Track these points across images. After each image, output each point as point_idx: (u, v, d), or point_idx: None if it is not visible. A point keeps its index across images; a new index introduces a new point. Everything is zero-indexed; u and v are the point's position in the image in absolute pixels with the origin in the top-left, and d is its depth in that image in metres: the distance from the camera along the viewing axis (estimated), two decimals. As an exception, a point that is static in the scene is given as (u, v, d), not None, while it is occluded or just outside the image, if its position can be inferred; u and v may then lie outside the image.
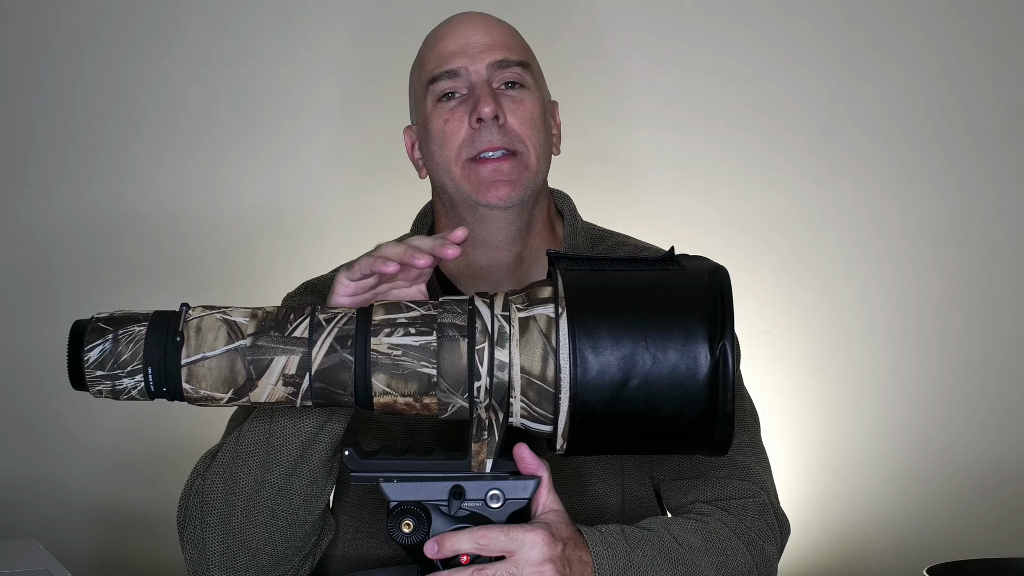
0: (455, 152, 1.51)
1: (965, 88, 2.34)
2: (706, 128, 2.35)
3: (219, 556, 1.37)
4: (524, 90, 1.53)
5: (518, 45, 1.56)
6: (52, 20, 2.37)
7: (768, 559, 1.41)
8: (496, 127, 1.50)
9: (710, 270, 1.19)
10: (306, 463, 1.35)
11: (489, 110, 1.48)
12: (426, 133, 1.54)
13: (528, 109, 1.52)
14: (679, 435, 1.17)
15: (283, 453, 1.35)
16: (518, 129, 1.51)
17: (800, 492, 2.28)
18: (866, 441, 2.35)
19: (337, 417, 1.35)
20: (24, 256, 2.38)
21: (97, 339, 1.19)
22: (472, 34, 1.54)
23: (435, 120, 1.53)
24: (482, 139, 1.50)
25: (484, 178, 1.50)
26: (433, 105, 1.53)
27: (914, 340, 2.35)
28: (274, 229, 2.36)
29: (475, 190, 1.51)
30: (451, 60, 1.52)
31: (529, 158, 1.52)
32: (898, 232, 2.35)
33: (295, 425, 1.34)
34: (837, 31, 2.34)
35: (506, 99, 1.52)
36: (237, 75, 2.37)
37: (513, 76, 1.53)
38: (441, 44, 1.54)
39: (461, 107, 1.52)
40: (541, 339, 1.17)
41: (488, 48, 1.53)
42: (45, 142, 2.38)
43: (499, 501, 1.21)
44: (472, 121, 1.50)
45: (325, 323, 1.20)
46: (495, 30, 1.55)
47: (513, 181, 1.50)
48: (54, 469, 2.38)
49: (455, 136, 1.51)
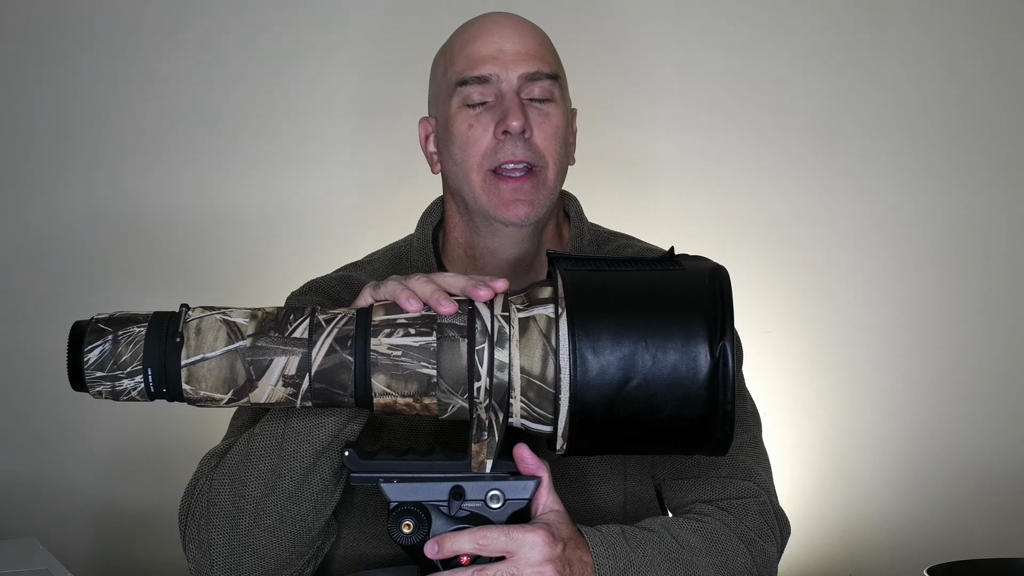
0: (477, 160, 1.49)
1: (962, 88, 2.34)
2: (708, 129, 2.35)
3: (224, 557, 1.36)
4: (552, 104, 1.51)
5: (551, 56, 1.53)
6: (55, 20, 2.37)
7: (768, 559, 1.41)
8: (521, 140, 1.47)
9: (710, 270, 1.19)
10: (318, 471, 1.34)
11: (518, 124, 1.46)
12: (447, 133, 1.52)
13: (554, 124, 1.50)
14: (679, 435, 1.17)
15: (296, 460, 1.33)
16: (542, 144, 1.49)
17: (800, 492, 2.28)
18: (867, 441, 2.35)
19: (354, 423, 1.33)
20: (25, 256, 2.39)
21: (97, 340, 1.19)
22: (506, 40, 1.50)
23: (458, 123, 1.50)
24: (505, 151, 1.48)
25: (504, 195, 1.48)
26: (458, 107, 1.51)
27: (915, 339, 2.35)
28: (274, 229, 2.36)
29: (493, 205, 1.49)
30: (483, 65, 1.49)
31: (548, 174, 1.50)
32: (899, 231, 2.35)
33: (309, 433, 1.33)
34: (836, 34, 2.34)
35: (534, 112, 1.49)
36: (242, 75, 2.37)
37: (543, 89, 1.50)
38: (473, 46, 1.51)
39: (487, 114, 1.49)
40: (541, 339, 1.17)
41: (522, 57, 1.50)
42: (46, 142, 2.39)
43: (499, 501, 1.21)
44: (498, 132, 1.48)
45: (325, 324, 1.20)
46: (529, 38, 1.52)
47: (532, 201, 1.49)
48: (55, 469, 2.38)
49: (478, 143, 1.49)
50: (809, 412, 2.33)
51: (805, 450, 2.32)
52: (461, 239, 1.57)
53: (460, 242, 1.57)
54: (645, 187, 2.34)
